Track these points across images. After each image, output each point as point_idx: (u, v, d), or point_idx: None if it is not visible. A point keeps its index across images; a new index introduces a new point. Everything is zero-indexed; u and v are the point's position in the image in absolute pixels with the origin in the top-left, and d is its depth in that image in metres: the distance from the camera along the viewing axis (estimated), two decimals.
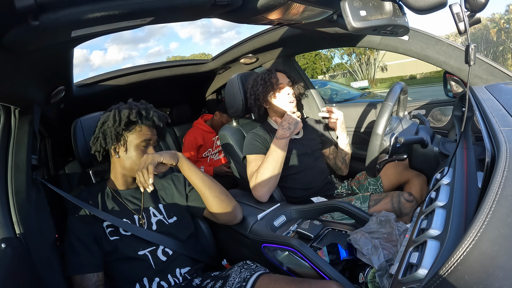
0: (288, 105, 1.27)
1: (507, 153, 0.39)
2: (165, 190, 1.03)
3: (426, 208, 0.59)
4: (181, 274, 0.91)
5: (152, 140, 0.96)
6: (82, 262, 0.83)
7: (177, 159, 0.92)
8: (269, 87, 1.25)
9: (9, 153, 0.80)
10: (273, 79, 1.25)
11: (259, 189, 1.12)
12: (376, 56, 15.35)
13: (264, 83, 1.26)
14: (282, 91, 1.27)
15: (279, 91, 1.27)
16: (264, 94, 1.26)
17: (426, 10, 0.61)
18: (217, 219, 1.01)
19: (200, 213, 1.02)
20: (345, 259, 0.80)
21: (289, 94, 1.26)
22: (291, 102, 1.27)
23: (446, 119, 1.32)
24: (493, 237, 0.29)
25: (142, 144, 0.93)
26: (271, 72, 1.28)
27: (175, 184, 1.05)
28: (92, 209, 0.88)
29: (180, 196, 1.03)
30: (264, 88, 1.25)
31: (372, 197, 1.12)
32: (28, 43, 0.55)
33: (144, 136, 0.93)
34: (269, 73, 1.27)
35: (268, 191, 1.14)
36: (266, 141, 1.24)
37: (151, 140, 0.95)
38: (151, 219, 0.95)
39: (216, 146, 2.10)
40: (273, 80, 1.25)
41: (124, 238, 0.89)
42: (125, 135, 0.93)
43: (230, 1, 0.64)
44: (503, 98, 0.73)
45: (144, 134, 0.94)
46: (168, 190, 1.03)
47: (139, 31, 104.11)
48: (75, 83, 1.38)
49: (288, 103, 1.26)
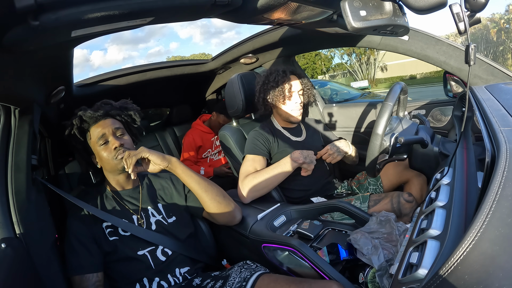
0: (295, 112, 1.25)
1: (507, 153, 0.39)
2: (164, 190, 1.03)
3: (426, 208, 0.59)
4: (181, 274, 0.91)
5: (108, 131, 0.92)
6: (81, 262, 0.83)
7: (167, 162, 0.90)
8: (281, 91, 1.22)
9: (9, 153, 0.80)
10: (286, 84, 1.23)
11: (245, 191, 1.13)
12: (376, 56, 15.36)
13: (276, 86, 1.22)
14: (292, 98, 1.24)
15: (290, 98, 1.24)
16: (275, 96, 1.23)
17: (426, 10, 0.61)
18: (216, 220, 1.01)
19: (199, 213, 1.02)
20: (345, 259, 0.80)
21: (296, 103, 1.24)
22: (299, 110, 1.25)
23: (446, 119, 1.32)
24: (493, 237, 0.29)
25: (100, 142, 0.91)
26: (285, 74, 1.24)
27: (174, 184, 1.05)
28: (92, 209, 0.88)
29: (179, 196, 1.03)
30: (274, 91, 1.23)
31: (371, 198, 1.12)
32: (28, 43, 0.55)
33: (96, 134, 0.92)
34: (283, 76, 1.23)
35: (253, 197, 1.15)
36: (269, 142, 1.24)
37: (106, 132, 0.92)
38: (150, 219, 0.95)
39: (216, 147, 2.10)
40: (286, 85, 1.23)
41: (123, 238, 0.89)
42: (88, 144, 0.94)
43: (230, 1, 0.64)
44: (503, 98, 0.73)
45: (95, 132, 0.92)
46: (167, 190, 1.03)
47: (139, 31, 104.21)
48: (75, 83, 1.37)
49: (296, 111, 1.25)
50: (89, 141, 0.94)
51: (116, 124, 0.95)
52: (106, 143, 0.92)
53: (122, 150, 0.90)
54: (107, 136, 0.92)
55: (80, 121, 0.92)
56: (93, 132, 0.92)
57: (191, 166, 1.95)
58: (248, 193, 1.13)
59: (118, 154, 0.89)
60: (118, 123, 0.96)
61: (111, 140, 0.91)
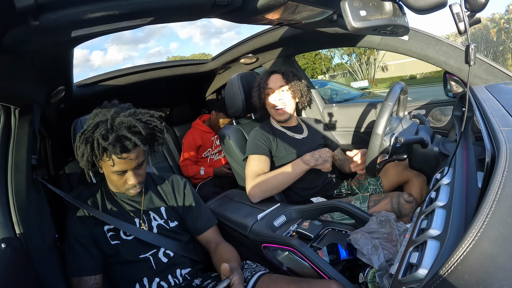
0: (275, 112, 1.28)
1: (507, 153, 0.39)
2: (167, 195, 1.00)
3: (426, 208, 0.59)
4: (181, 274, 0.91)
5: (129, 168, 0.82)
6: (80, 264, 0.83)
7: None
8: (262, 89, 1.28)
9: (9, 153, 0.80)
10: (265, 82, 1.28)
11: (256, 191, 1.14)
12: (376, 56, 15.35)
13: (258, 85, 1.29)
14: (271, 96, 1.28)
15: (268, 96, 1.29)
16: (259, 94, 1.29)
17: (426, 10, 0.61)
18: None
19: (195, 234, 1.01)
20: (345, 259, 0.80)
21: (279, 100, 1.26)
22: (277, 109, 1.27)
23: (446, 119, 1.32)
24: (493, 237, 0.29)
25: (117, 173, 0.82)
26: (266, 75, 1.30)
27: (174, 188, 1.02)
28: (92, 210, 0.88)
29: (180, 200, 1.01)
30: (258, 91, 1.29)
31: (371, 198, 1.12)
32: (28, 43, 0.55)
33: (116, 168, 0.80)
34: (264, 76, 1.30)
35: (263, 197, 1.16)
36: (269, 140, 1.25)
37: (127, 169, 0.82)
38: (152, 222, 0.94)
39: (216, 146, 2.10)
40: (263, 84, 1.28)
41: (125, 242, 0.88)
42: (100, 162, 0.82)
43: (230, 1, 0.64)
44: (503, 98, 0.73)
45: (116, 165, 0.79)
46: (169, 195, 1.01)
47: (139, 31, 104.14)
48: (75, 83, 1.37)
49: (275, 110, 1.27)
50: (102, 162, 0.81)
51: (140, 159, 0.83)
52: (123, 173, 0.83)
53: (138, 188, 0.87)
54: (126, 170, 0.83)
55: (103, 152, 0.76)
56: (115, 162, 0.79)
57: (191, 166, 1.95)
58: (259, 193, 1.15)
59: (132, 190, 0.87)
60: (142, 154, 0.84)
61: (130, 175, 0.83)
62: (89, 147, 0.76)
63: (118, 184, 0.85)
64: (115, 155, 0.77)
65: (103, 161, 0.80)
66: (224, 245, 0.96)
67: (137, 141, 0.75)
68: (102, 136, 0.74)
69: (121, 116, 0.77)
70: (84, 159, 0.79)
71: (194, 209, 1.01)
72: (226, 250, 0.92)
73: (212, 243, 0.98)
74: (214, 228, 1.03)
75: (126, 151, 0.77)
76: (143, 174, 0.88)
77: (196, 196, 1.05)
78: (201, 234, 1.00)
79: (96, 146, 0.75)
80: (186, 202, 1.01)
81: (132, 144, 0.76)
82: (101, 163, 0.83)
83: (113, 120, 0.76)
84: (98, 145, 0.75)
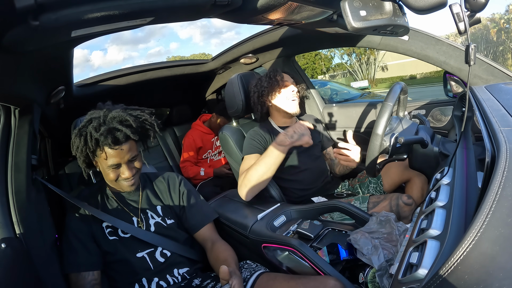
0: (290, 103, 1.27)
1: (507, 153, 0.39)
2: (163, 193, 1.01)
3: (426, 208, 0.59)
4: (179, 274, 0.91)
5: (123, 161, 0.84)
6: (78, 260, 0.83)
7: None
8: (274, 82, 1.26)
9: (9, 153, 0.80)
10: (278, 77, 1.27)
11: (243, 189, 1.11)
12: (376, 56, 15.34)
13: (270, 79, 1.27)
14: (287, 88, 1.27)
15: (284, 87, 1.27)
16: (268, 90, 1.26)
17: (426, 10, 0.61)
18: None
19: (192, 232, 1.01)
20: (345, 259, 0.80)
21: (293, 91, 1.27)
22: (294, 100, 1.27)
23: (446, 119, 1.32)
24: (493, 237, 0.29)
25: (111, 167, 0.84)
26: (276, 71, 1.29)
27: (169, 186, 1.02)
28: (91, 209, 0.88)
29: (176, 198, 1.02)
30: (269, 84, 1.26)
31: (371, 199, 1.12)
32: (28, 43, 0.55)
33: (110, 162, 0.83)
34: (275, 72, 1.29)
35: (252, 193, 1.11)
36: (265, 141, 1.23)
37: (121, 162, 0.84)
38: (149, 221, 0.94)
39: (216, 147, 2.10)
40: (278, 77, 1.27)
41: (122, 239, 0.89)
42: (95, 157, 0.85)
43: (230, 1, 0.64)
44: (503, 98, 0.73)
45: (109, 160, 0.82)
46: (165, 193, 1.01)
47: (139, 31, 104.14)
48: (75, 83, 1.37)
49: (291, 101, 1.27)
50: (97, 157, 0.85)
51: (132, 152, 0.85)
52: (117, 167, 0.85)
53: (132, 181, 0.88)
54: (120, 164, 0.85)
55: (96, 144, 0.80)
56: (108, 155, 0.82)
57: (192, 167, 1.95)
58: (245, 190, 1.10)
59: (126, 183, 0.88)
60: (134, 148, 0.86)
61: (124, 169, 0.85)
62: (82, 140, 0.81)
63: (113, 178, 0.87)
64: (107, 147, 0.80)
65: (98, 156, 0.84)
66: (220, 244, 0.96)
67: (128, 132, 0.80)
68: (95, 129, 0.79)
69: (113, 112, 0.82)
70: (79, 153, 0.84)
71: (190, 206, 1.01)
72: (222, 250, 0.92)
73: (208, 241, 0.98)
74: (211, 225, 1.03)
75: (118, 142, 0.81)
76: (138, 169, 0.90)
77: (192, 193, 1.05)
78: (197, 232, 1.00)
79: (89, 138, 0.80)
80: (181, 199, 1.02)
81: (123, 134, 0.80)
82: (96, 159, 0.86)
83: (106, 116, 0.82)
84: (91, 137, 0.79)
